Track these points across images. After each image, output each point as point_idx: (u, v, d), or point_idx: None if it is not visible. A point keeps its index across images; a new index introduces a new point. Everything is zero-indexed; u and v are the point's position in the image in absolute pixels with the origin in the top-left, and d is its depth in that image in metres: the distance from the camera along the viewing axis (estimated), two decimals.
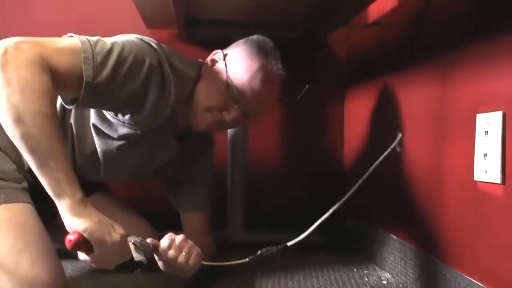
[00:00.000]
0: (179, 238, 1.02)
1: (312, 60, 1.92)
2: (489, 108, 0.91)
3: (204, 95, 1.12)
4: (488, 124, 0.90)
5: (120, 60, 0.96)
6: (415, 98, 1.24)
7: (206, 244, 1.29)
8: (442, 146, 1.09)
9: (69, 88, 0.92)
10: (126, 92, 0.98)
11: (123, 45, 0.98)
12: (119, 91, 0.97)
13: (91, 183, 1.26)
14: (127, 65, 0.97)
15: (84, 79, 0.91)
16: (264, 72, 1.11)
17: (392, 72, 1.40)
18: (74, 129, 1.14)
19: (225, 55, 1.15)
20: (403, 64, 1.32)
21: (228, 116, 1.12)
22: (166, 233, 1.04)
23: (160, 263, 1.02)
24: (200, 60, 1.20)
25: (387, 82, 1.44)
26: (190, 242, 1.05)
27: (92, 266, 0.90)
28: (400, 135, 1.30)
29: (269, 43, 1.16)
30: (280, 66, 1.14)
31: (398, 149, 1.30)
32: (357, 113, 1.78)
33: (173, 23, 1.58)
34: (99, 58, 0.93)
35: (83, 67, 0.90)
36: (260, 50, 1.13)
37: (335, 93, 1.94)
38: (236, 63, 1.12)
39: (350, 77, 1.87)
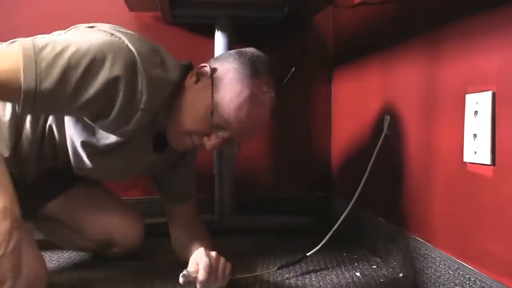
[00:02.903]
0: (212, 262, 1.01)
1: (298, 40, 1.88)
2: (478, 88, 0.89)
3: (184, 116, 1.03)
4: (478, 104, 0.88)
5: (71, 65, 0.86)
6: (403, 79, 1.22)
7: (198, 231, 1.26)
8: (431, 127, 1.07)
9: (8, 96, 0.87)
10: (83, 98, 0.89)
11: (78, 47, 0.88)
12: (73, 98, 0.88)
13: None
14: (80, 70, 0.87)
15: (22, 88, 0.83)
16: (254, 101, 1.01)
17: (379, 52, 1.38)
18: (55, 130, 1.07)
19: (213, 70, 1.03)
20: (390, 44, 1.29)
21: (209, 142, 1.03)
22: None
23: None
24: (187, 62, 1.10)
25: (375, 62, 1.41)
26: (222, 261, 1.04)
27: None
28: (388, 117, 1.28)
29: (264, 62, 1.05)
30: (273, 94, 1.05)
31: (387, 132, 1.28)
32: (344, 94, 1.75)
33: (156, 5, 1.53)
34: (43, 64, 0.84)
35: (22, 75, 0.83)
36: (253, 73, 1.01)
37: (322, 75, 1.90)
38: (224, 86, 1.01)
39: (337, 58, 1.84)
